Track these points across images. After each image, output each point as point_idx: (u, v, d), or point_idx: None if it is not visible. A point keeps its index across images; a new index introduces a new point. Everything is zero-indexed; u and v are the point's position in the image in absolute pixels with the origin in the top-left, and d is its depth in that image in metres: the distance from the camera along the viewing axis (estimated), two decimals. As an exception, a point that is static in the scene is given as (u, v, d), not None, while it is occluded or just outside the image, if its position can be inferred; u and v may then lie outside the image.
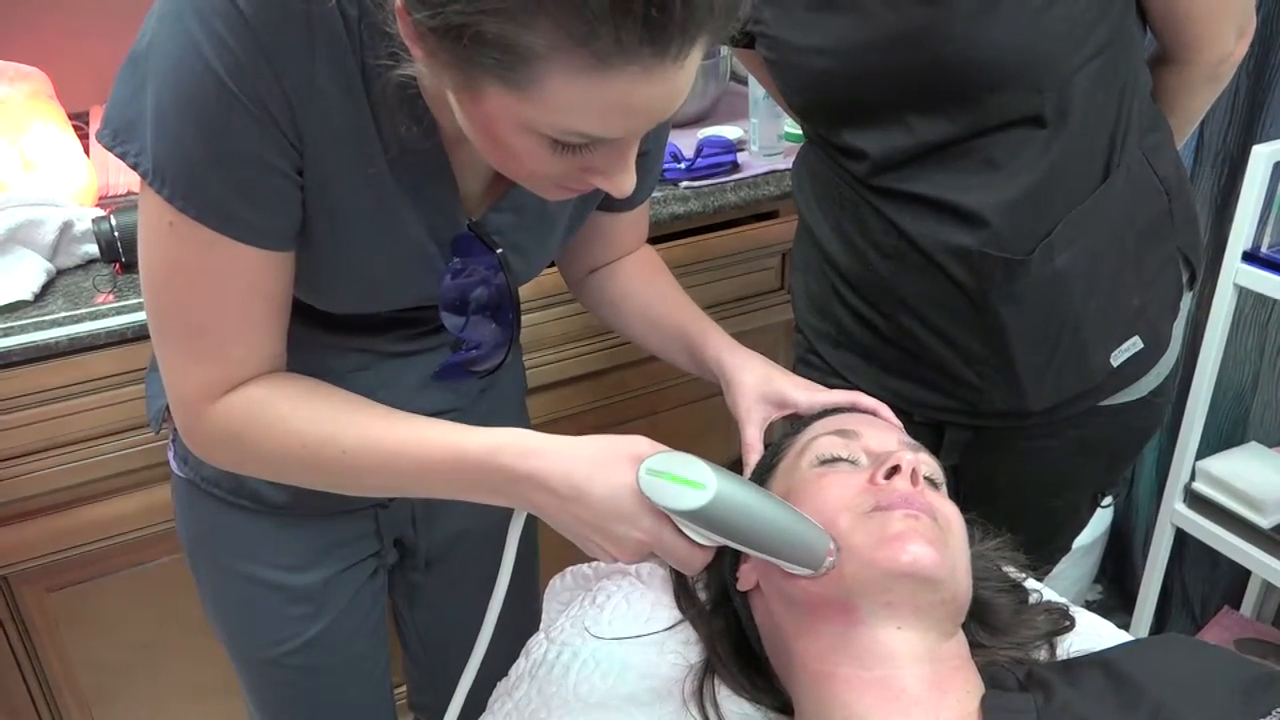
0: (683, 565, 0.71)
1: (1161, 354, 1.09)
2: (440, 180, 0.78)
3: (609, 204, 0.95)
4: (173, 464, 0.97)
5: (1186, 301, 1.12)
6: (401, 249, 0.79)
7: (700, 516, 0.68)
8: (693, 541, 0.70)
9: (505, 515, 0.75)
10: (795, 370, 1.16)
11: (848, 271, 1.11)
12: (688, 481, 0.68)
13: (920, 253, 1.01)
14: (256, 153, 0.68)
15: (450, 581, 1.10)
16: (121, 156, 0.69)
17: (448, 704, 0.82)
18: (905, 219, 1.01)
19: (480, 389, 0.98)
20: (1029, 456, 1.04)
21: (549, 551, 1.16)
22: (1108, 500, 1.20)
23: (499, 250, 0.84)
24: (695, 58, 0.60)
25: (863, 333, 1.13)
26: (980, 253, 0.98)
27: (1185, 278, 1.10)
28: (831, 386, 0.93)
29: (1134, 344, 1.05)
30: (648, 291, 1.02)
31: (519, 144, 0.63)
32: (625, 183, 0.68)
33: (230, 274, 0.71)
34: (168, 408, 0.93)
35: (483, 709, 0.89)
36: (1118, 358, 1.05)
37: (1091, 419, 1.09)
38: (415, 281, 0.83)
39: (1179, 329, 1.12)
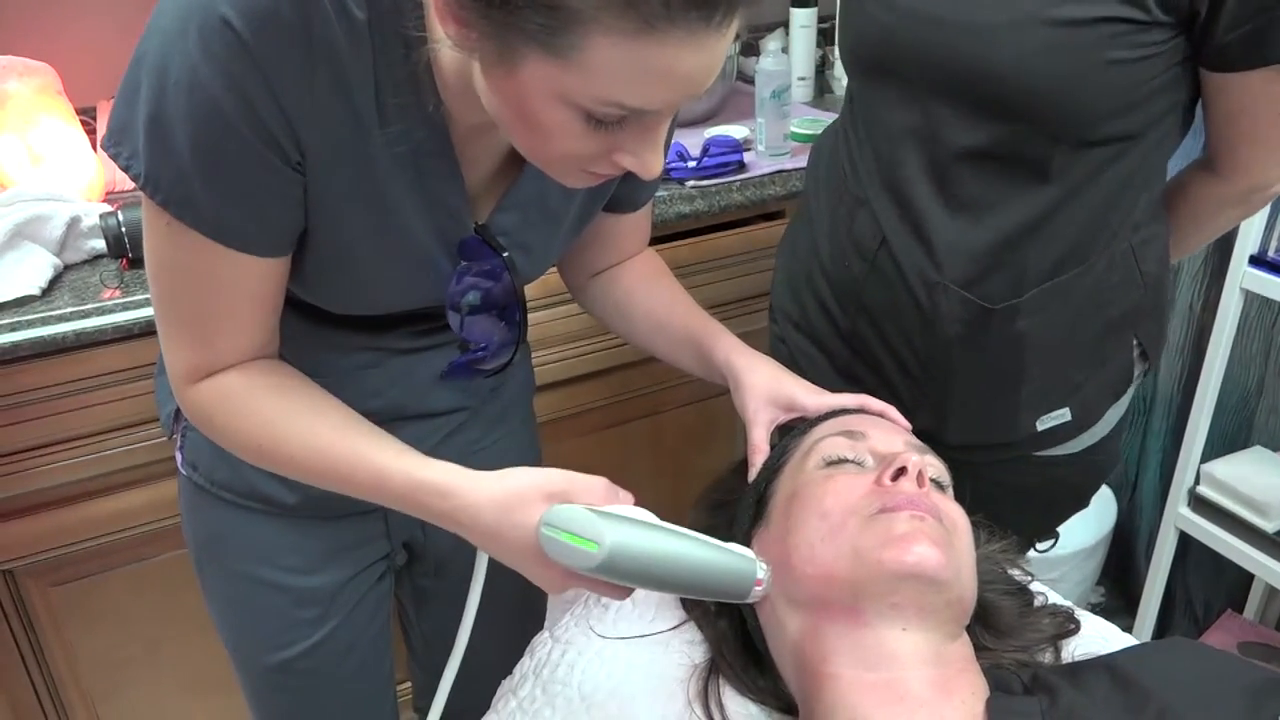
0: (611, 598, 0.73)
1: (1085, 429, 1.09)
2: (449, 182, 0.78)
3: (613, 205, 0.95)
4: (181, 468, 0.97)
5: (1134, 387, 1.12)
6: (407, 255, 0.79)
7: (600, 571, 0.67)
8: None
9: None
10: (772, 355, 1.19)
11: (827, 263, 1.12)
12: (581, 540, 0.67)
13: (896, 268, 1.02)
14: (251, 172, 0.68)
15: (458, 586, 1.09)
16: (114, 158, 0.69)
17: (452, 708, 0.82)
18: (892, 231, 1.02)
19: (490, 388, 0.98)
20: (960, 498, 1.05)
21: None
22: (1045, 545, 1.22)
23: (505, 253, 0.84)
24: (733, 28, 0.60)
25: (822, 323, 1.14)
26: (945, 285, 0.99)
27: (1139, 370, 1.10)
28: (795, 372, 0.93)
29: (1062, 415, 1.05)
30: (653, 294, 1.01)
31: (553, 119, 0.63)
32: (654, 164, 0.68)
33: (222, 276, 0.72)
34: (176, 412, 0.94)
35: (487, 707, 0.89)
36: (1043, 423, 1.06)
37: (1022, 467, 1.10)
38: (421, 285, 0.83)
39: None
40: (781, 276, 1.23)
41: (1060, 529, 1.31)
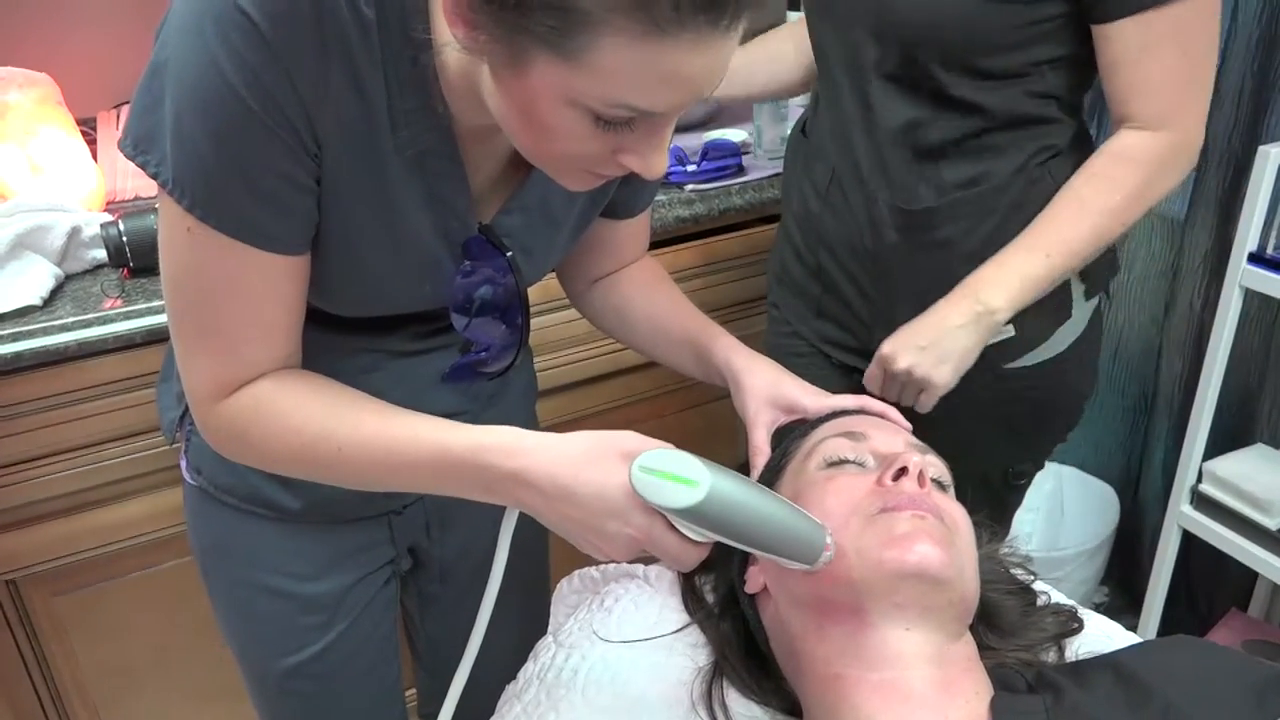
0: (676, 562, 0.70)
1: (1031, 349, 1.15)
2: (454, 182, 0.78)
3: (612, 211, 0.96)
4: (186, 474, 0.97)
5: (1082, 310, 1.16)
6: (412, 252, 0.80)
7: (694, 514, 0.67)
8: (685, 538, 0.68)
9: (521, 523, 0.75)
10: (767, 321, 1.36)
11: (795, 211, 1.26)
12: (681, 479, 0.67)
13: (843, 195, 1.16)
14: (274, 164, 0.68)
15: (463, 591, 1.10)
16: (142, 166, 0.70)
17: (456, 714, 0.82)
18: (838, 162, 1.15)
19: (491, 393, 0.98)
20: (930, 420, 1.07)
21: (557, 554, 1.16)
22: (1024, 467, 1.27)
23: (509, 253, 0.84)
24: (739, 32, 0.61)
25: (797, 268, 1.28)
26: (875, 198, 1.12)
27: (1081, 289, 1.14)
28: (786, 333, 1.02)
29: (1005, 331, 1.10)
30: (652, 299, 1.02)
31: (560, 121, 0.63)
32: (659, 164, 0.68)
33: (246, 278, 0.72)
34: (180, 419, 0.94)
35: (491, 712, 0.89)
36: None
37: (989, 382, 1.14)
38: (424, 284, 0.83)
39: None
40: (773, 253, 1.36)
41: (1059, 527, 1.31)
